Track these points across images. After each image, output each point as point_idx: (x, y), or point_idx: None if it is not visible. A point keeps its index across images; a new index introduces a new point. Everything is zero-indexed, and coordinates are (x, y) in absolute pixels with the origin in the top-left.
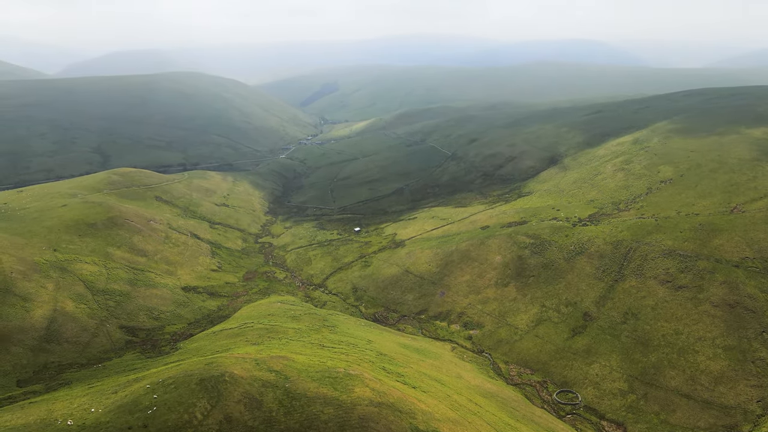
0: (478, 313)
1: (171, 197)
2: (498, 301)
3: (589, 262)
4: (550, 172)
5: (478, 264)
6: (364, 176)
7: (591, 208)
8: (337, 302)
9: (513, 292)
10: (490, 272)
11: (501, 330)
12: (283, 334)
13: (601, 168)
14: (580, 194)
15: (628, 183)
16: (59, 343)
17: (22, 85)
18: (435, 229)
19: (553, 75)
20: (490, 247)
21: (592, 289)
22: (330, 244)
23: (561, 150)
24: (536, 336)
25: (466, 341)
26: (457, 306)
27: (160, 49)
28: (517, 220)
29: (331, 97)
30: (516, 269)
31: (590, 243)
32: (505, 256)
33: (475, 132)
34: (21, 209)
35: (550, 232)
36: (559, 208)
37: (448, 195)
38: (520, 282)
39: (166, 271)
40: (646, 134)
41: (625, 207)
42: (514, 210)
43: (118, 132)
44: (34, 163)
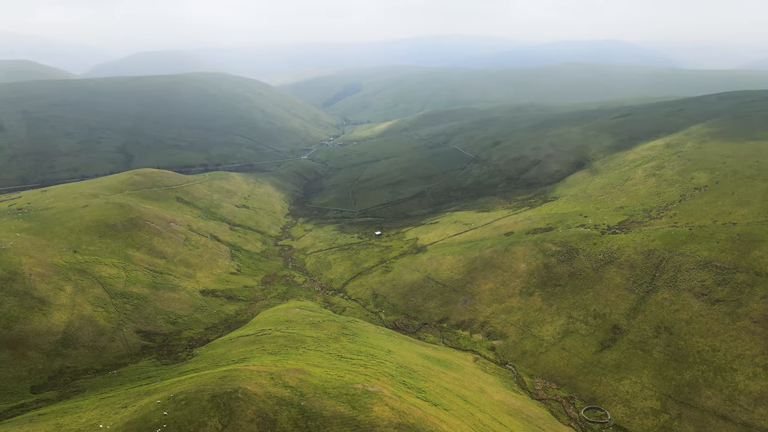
0: (501, 322)
1: (192, 198)
2: (522, 310)
3: (619, 272)
4: (576, 177)
5: (502, 272)
6: (385, 178)
7: (620, 215)
8: (357, 308)
9: (538, 302)
10: (514, 280)
11: (525, 341)
12: (301, 343)
13: (631, 173)
14: (609, 200)
15: (659, 189)
16: (75, 348)
17: (50, 86)
18: (457, 234)
19: (579, 76)
20: (515, 254)
21: (622, 301)
22: (350, 248)
23: (588, 154)
24: (562, 348)
25: (488, 352)
26: (480, 315)
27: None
28: (542, 226)
29: (354, 98)
30: (541, 278)
31: (620, 252)
32: (531, 264)
33: (499, 134)
34: (44, 209)
35: (578, 240)
36: (587, 215)
37: (471, 199)
38: (546, 291)
39: (185, 274)
40: (679, 138)
41: (656, 214)
42: (540, 216)
43: (142, 132)
44: (60, 163)
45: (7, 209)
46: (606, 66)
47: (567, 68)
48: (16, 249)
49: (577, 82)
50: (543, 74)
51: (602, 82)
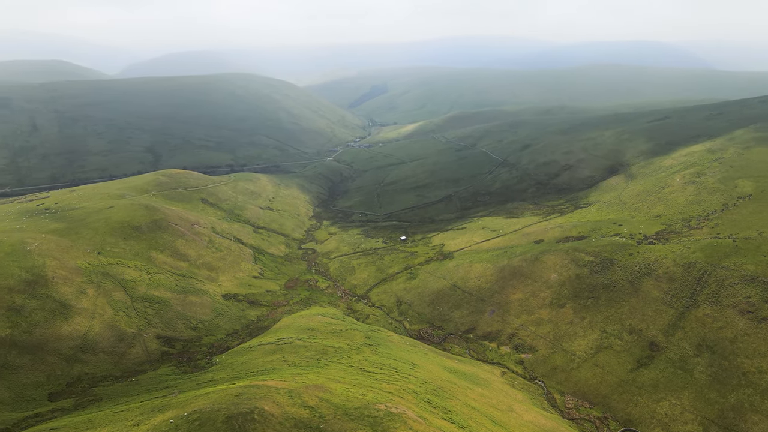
0: (530, 335)
1: (216, 200)
2: (553, 323)
3: (657, 286)
4: (610, 183)
5: (532, 281)
6: (411, 181)
7: (658, 224)
8: (380, 316)
9: (569, 314)
10: (544, 291)
11: (556, 356)
12: (323, 354)
13: (669, 180)
14: (645, 208)
15: (700, 197)
16: (95, 354)
17: (82, 86)
18: (485, 241)
19: (611, 78)
20: (545, 263)
21: (660, 316)
22: (374, 253)
23: (623, 159)
24: (595, 365)
25: (517, 366)
26: (508, 326)
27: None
28: (574, 234)
29: (380, 99)
30: (573, 289)
31: (658, 264)
32: (562, 275)
33: (529, 137)
34: (71, 209)
35: (612, 250)
36: (622, 223)
37: (499, 204)
38: (578, 303)
39: (208, 277)
40: (721, 144)
41: (697, 224)
42: (571, 223)
43: (170, 132)
44: (90, 162)
45: (35, 209)
46: (638, 67)
47: (598, 69)
48: (41, 250)
49: (609, 84)
50: (573, 76)
51: (635, 83)
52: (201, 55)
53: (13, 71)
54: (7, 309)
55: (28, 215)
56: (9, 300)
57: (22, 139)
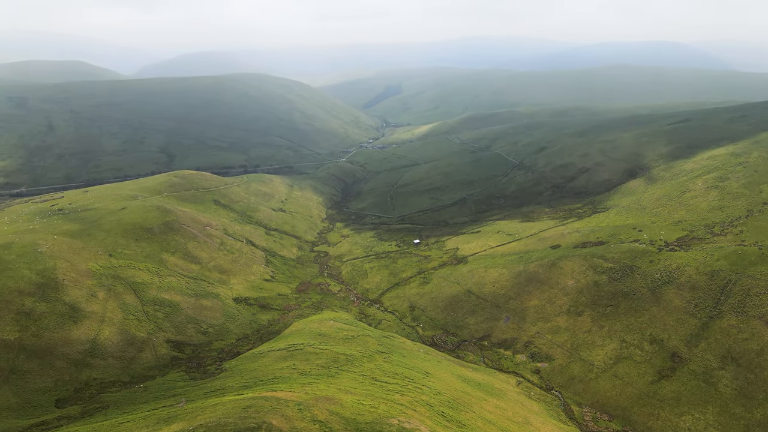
0: (547, 343)
1: (229, 201)
2: (570, 331)
3: (679, 294)
4: (629, 187)
5: (548, 288)
6: (425, 183)
7: (679, 230)
8: (393, 322)
9: (587, 323)
10: (561, 298)
11: (573, 365)
12: (334, 362)
13: (690, 184)
14: (666, 213)
15: (723, 203)
16: (104, 358)
17: (98, 86)
18: (500, 245)
19: (628, 79)
20: (562, 269)
21: (682, 326)
22: (387, 257)
23: (642, 162)
24: (615, 376)
25: (533, 375)
26: (524, 334)
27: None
28: (592, 239)
29: (394, 100)
30: (591, 296)
31: (680, 272)
32: (579, 281)
33: (545, 140)
34: (84, 210)
35: (632, 257)
36: (641, 229)
37: (514, 207)
38: (596, 311)
39: (219, 280)
40: (745, 147)
41: (720, 231)
42: (589, 228)
43: (184, 132)
44: (104, 162)
45: (48, 209)
46: (655, 68)
47: (614, 70)
48: (52, 252)
49: (625, 85)
50: (589, 77)
51: (652, 85)
52: (215, 56)
53: (30, 71)
54: (16, 312)
55: (41, 216)
56: (19, 303)
57: (38, 138)
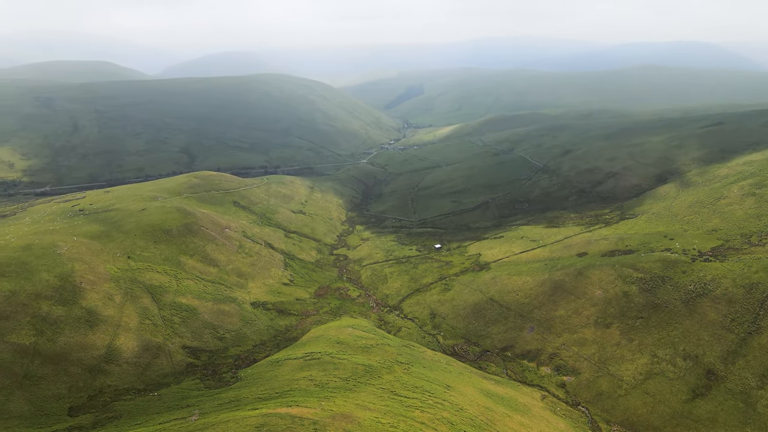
0: (573, 356)
1: (248, 203)
2: (598, 344)
3: (714, 308)
4: (659, 192)
5: (575, 298)
6: (447, 186)
7: (713, 239)
8: (413, 329)
9: (616, 335)
10: (588, 309)
11: (601, 380)
12: (352, 373)
13: (725, 191)
14: (698, 221)
15: (761, 211)
16: (118, 364)
17: (122, 86)
18: (524, 251)
19: (657, 80)
20: (590, 278)
21: (718, 342)
22: (408, 262)
23: (672, 167)
24: (645, 393)
25: (558, 389)
26: (549, 345)
27: (253, 51)
28: (620, 248)
29: (416, 101)
30: (620, 308)
31: (715, 284)
32: (608, 292)
33: (570, 143)
34: (104, 211)
35: (663, 267)
36: (673, 237)
37: (538, 212)
38: (626, 324)
39: (237, 284)
40: None
41: (758, 241)
42: (617, 235)
43: (205, 133)
44: (127, 162)
45: (70, 209)
46: (684, 69)
47: (641, 71)
48: (71, 254)
49: (654, 87)
50: (615, 78)
51: (681, 86)
52: (238, 56)
53: (58, 71)
54: (32, 316)
55: (62, 216)
56: (35, 307)
57: (63, 138)
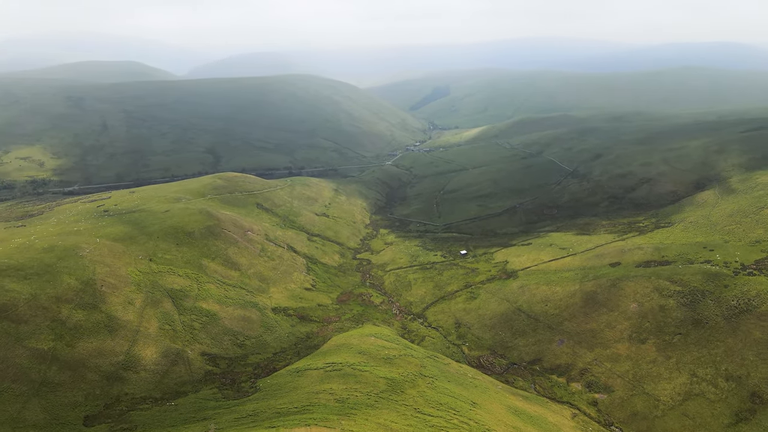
0: (605, 372)
1: (272, 205)
2: (632, 360)
3: (759, 326)
4: (697, 200)
5: (608, 311)
6: (473, 190)
7: (757, 251)
8: (437, 339)
9: (652, 352)
10: (622, 322)
11: (636, 399)
12: (373, 388)
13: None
14: (741, 232)
15: None
16: (136, 371)
17: (151, 86)
18: (553, 260)
19: (691, 82)
20: (624, 290)
21: (764, 363)
22: (433, 268)
23: (711, 173)
24: (684, 415)
25: (589, 407)
26: (580, 360)
27: (279, 52)
28: (656, 258)
29: (442, 102)
30: (657, 323)
31: (761, 299)
32: (643, 305)
33: (601, 146)
34: (128, 212)
35: (703, 280)
36: (713, 248)
37: (568, 218)
38: (662, 340)
39: (258, 288)
40: None
41: None
42: (652, 245)
43: (231, 133)
44: (153, 162)
45: (95, 210)
46: (721, 70)
47: (676, 73)
48: (93, 256)
49: (689, 89)
50: (648, 79)
51: (718, 88)
52: (265, 57)
53: (89, 72)
54: (52, 320)
55: (87, 217)
56: (55, 310)
57: (92, 138)
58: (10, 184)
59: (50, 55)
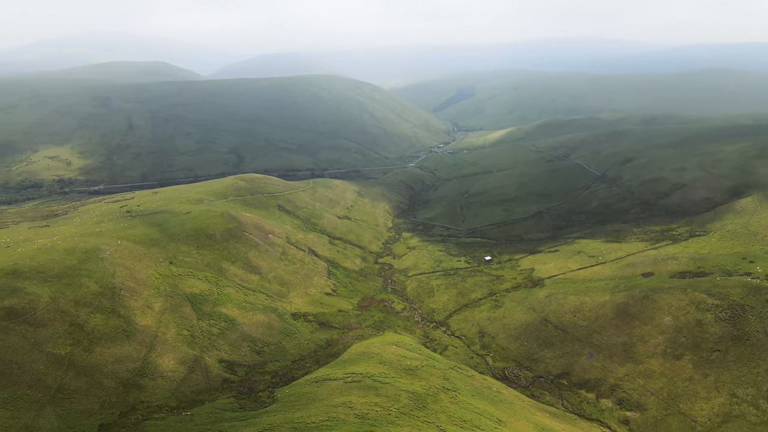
0: (638, 389)
1: (293, 207)
2: (667, 377)
3: None
4: (734, 207)
5: (640, 323)
6: (498, 194)
7: None
8: (460, 348)
9: (688, 369)
10: (655, 336)
11: (671, 419)
12: (395, 402)
13: None
14: None
15: None
16: (153, 378)
17: (176, 86)
18: (582, 268)
19: (727, 84)
20: (657, 303)
21: None
22: (456, 274)
23: (749, 180)
24: None
25: (620, 426)
26: (610, 375)
27: (305, 53)
28: (691, 269)
29: (466, 103)
30: (693, 338)
31: None
32: (678, 319)
33: (631, 150)
34: (150, 213)
35: (744, 294)
36: (753, 259)
37: (596, 225)
38: (699, 356)
39: (278, 293)
40: None
41: None
42: (687, 255)
43: (255, 133)
44: (178, 162)
45: (117, 210)
46: (753, 72)
47: (710, 74)
48: (113, 258)
49: (724, 91)
50: (681, 81)
51: (751, 91)
52: (290, 57)
53: (118, 72)
54: (70, 324)
55: (110, 218)
56: (74, 314)
57: (118, 137)
58: (38, 183)
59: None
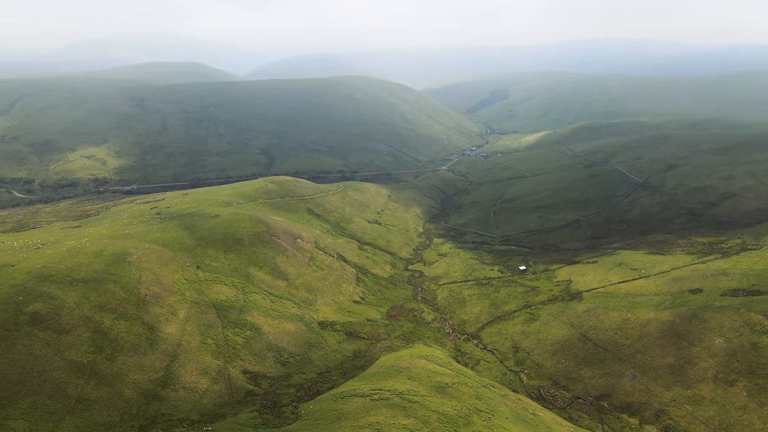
0: (686, 416)
1: (323, 210)
2: (718, 404)
3: None
4: None
5: (688, 345)
6: (532, 200)
7: None
8: (493, 364)
9: (742, 397)
10: (706, 360)
11: None
12: (425, 424)
13: None
14: None
15: None
16: (175, 390)
17: (210, 87)
18: (623, 282)
19: None
20: (707, 323)
21: None
22: (489, 284)
23: None
24: None
25: None
26: (655, 399)
27: (338, 53)
28: (745, 286)
29: (500, 105)
30: (748, 363)
31: None
32: (731, 341)
33: (674, 156)
34: (179, 215)
35: None
36: None
37: (638, 235)
38: (755, 383)
39: (305, 300)
40: None
41: None
42: (739, 271)
43: (286, 134)
44: (209, 162)
45: (147, 212)
46: None
47: (755, 77)
48: (140, 262)
49: None
50: (726, 84)
51: None
52: (323, 58)
53: (154, 72)
54: (94, 331)
55: (139, 219)
56: (98, 321)
57: (153, 138)
58: (74, 182)
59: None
